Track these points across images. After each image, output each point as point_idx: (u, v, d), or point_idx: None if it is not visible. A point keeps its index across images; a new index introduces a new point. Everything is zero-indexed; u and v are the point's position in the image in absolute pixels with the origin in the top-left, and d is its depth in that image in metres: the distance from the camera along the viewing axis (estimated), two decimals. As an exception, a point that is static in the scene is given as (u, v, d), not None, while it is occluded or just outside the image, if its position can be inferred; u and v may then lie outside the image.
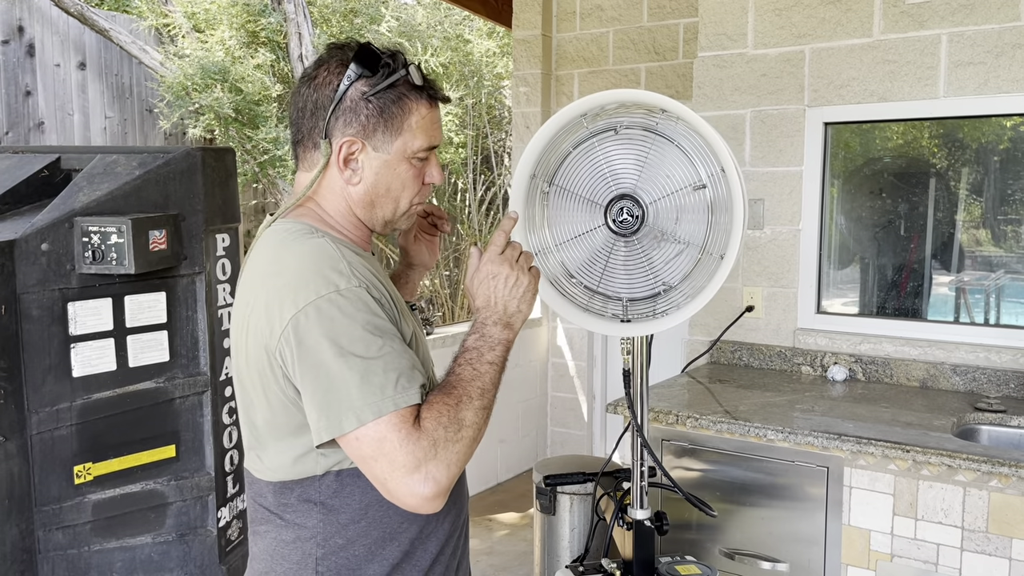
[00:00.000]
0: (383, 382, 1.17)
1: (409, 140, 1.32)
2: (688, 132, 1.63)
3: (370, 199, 1.35)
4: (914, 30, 2.99)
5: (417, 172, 1.36)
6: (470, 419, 1.21)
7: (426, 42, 6.96)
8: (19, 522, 1.98)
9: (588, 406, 5.06)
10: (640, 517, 1.98)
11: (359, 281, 1.22)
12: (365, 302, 1.21)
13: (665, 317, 1.68)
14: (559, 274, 1.71)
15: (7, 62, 5.99)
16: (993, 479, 2.24)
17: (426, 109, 1.34)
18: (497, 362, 1.30)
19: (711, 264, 1.65)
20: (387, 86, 1.30)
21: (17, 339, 1.95)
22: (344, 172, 1.32)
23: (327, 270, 1.22)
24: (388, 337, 1.20)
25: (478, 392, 1.24)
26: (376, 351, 1.18)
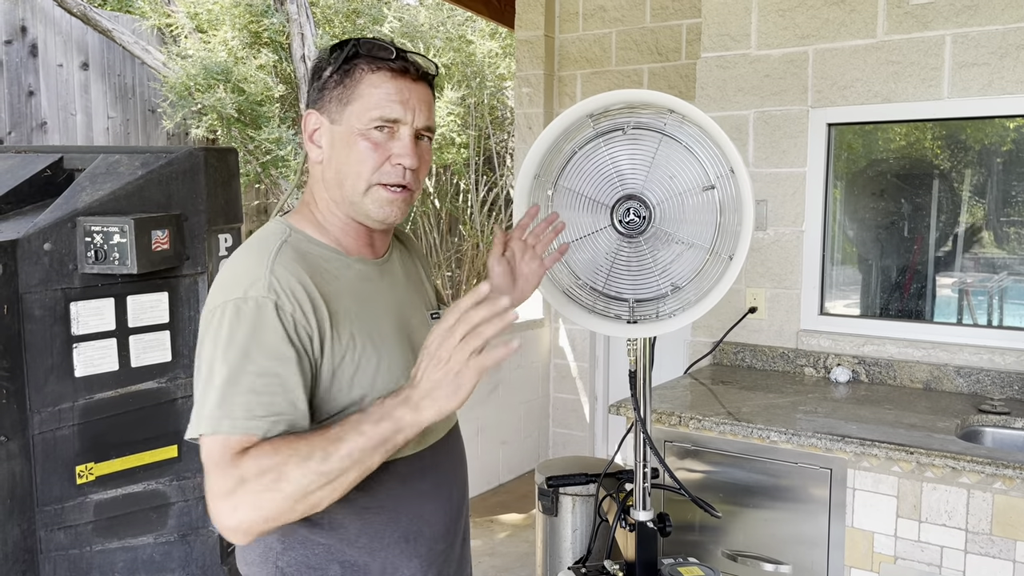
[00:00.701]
0: (237, 401, 1.15)
1: (358, 109, 1.28)
2: (696, 132, 1.63)
3: (335, 177, 1.31)
4: (918, 31, 2.99)
5: (375, 146, 1.28)
6: (295, 477, 1.10)
7: (429, 43, 6.96)
8: (21, 522, 1.98)
9: (590, 407, 5.05)
10: (643, 518, 1.97)
11: (268, 292, 1.19)
12: (264, 315, 1.18)
13: (672, 318, 1.68)
14: (564, 276, 1.71)
15: (10, 62, 6.00)
16: (997, 481, 2.23)
17: (377, 76, 1.28)
18: (372, 438, 1.12)
19: (719, 265, 1.64)
20: (344, 59, 1.29)
21: (19, 339, 1.95)
22: (312, 149, 1.32)
23: (246, 275, 1.22)
24: (272, 358, 1.17)
25: (321, 456, 1.11)
26: (250, 367, 1.16)
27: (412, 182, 1.31)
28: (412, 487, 1.34)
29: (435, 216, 7.50)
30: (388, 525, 1.31)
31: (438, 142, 6.73)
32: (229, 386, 1.16)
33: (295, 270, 1.24)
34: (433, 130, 1.36)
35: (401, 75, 1.29)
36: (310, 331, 1.22)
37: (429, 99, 1.34)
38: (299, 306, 1.21)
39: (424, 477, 1.36)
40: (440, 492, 1.39)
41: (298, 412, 1.19)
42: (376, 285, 1.37)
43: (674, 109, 1.61)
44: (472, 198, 7.29)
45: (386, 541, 1.31)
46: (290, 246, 1.28)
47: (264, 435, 1.15)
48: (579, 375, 5.06)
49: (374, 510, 1.30)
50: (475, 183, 7.29)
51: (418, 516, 1.35)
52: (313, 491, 1.11)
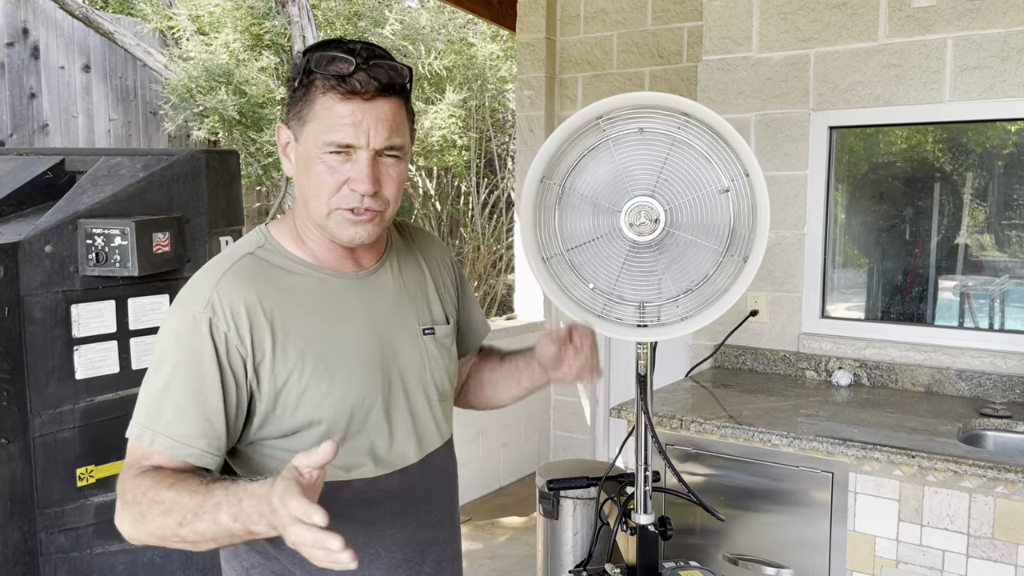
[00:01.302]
0: (163, 414, 1.18)
1: (312, 131, 1.21)
2: (708, 135, 1.62)
3: (301, 195, 1.27)
4: (920, 34, 2.99)
5: (331, 170, 1.21)
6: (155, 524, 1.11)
7: (430, 45, 6.96)
8: (21, 524, 1.98)
9: (591, 410, 5.05)
10: (644, 522, 1.97)
11: (206, 310, 1.19)
12: (199, 334, 1.18)
13: (684, 321, 1.67)
14: (572, 280, 1.70)
15: (12, 64, 6.01)
16: (999, 485, 2.23)
17: (331, 100, 1.19)
18: (224, 529, 1.06)
19: (733, 267, 1.64)
20: (302, 73, 1.22)
21: (20, 341, 1.95)
22: (285, 162, 1.29)
23: (195, 288, 1.23)
24: (197, 378, 1.18)
25: (179, 519, 1.08)
26: (177, 383, 1.18)
27: (375, 205, 1.24)
28: (371, 510, 1.31)
29: (436, 218, 7.50)
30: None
31: (439, 144, 6.73)
32: (158, 397, 1.19)
33: (242, 288, 1.22)
34: (400, 147, 1.25)
35: (353, 96, 1.19)
36: (243, 353, 1.20)
37: (391, 115, 1.22)
38: (235, 326, 1.20)
39: (386, 501, 1.32)
40: (404, 518, 1.34)
41: (213, 434, 1.19)
42: (350, 300, 1.31)
43: (688, 113, 1.60)
44: (473, 200, 7.29)
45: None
46: (253, 258, 1.27)
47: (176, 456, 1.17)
48: (580, 378, 5.05)
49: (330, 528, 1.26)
50: (476, 185, 7.29)
51: (376, 540, 1.31)
52: (171, 541, 1.12)
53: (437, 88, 7.11)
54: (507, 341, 4.78)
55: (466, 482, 4.61)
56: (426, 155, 6.80)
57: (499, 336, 4.72)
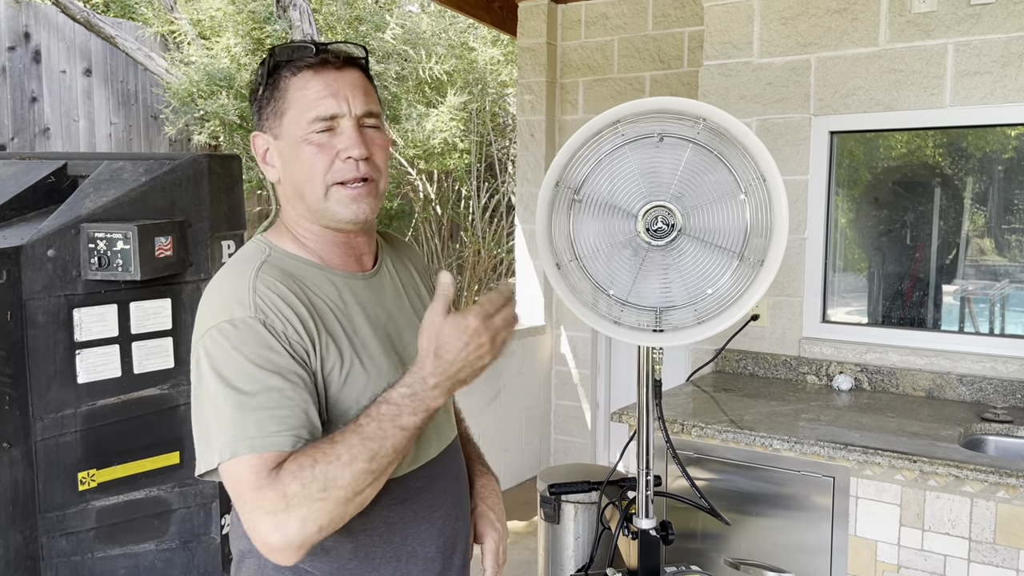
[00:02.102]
0: (250, 421, 1.12)
1: (294, 116, 1.25)
2: (725, 139, 1.63)
3: (294, 190, 1.29)
4: (920, 39, 2.99)
5: (320, 148, 1.25)
6: (343, 480, 1.09)
7: (431, 50, 6.97)
8: (23, 528, 1.98)
9: (591, 414, 5.05)
10: (645, 526, 1.97)
11: (255, 312, 1.17)
12: (257, 333, 1.16)
13: (700, 326, 1.68)
14: (588, 285, 1.69)
15: (13, 68, 6.02)
16: (1000, 490, 2.23)
17: (302, 79, 1.25)
18: (411, 429, 1.14)
19: (748, 272, 1.64)
20: (268, 73, 1.27)
21: (22, 345, 1.95)
22: (268, 171, 1.31)
23: (229, 298, 1.20)
24: (274, 374, 1.15)
25: (368, 455, 1.10)
26: (255, 386, 1.13)
27: (370, 172, 1.28)
28: (406, 507, 1.32)
29: (436, 222, 7.50)
30: (380, 546, 1.29)
31: (440, 148, 6.73)
32: (236, 410, 1.12)
33: (278, 288, 1.22)
34: (377, 114, 1.30)
35: (323, 68, 1.25)
36: (304, 346, 1.20)
37: (363, 83, 1.29)
38: (288, 323, 1.19)
39: (418, 497, 1.34)
40: (434, 512, 1.36)
41: (311, 424, 1.16)
42: (362, 299, 1.33)
43: (707, 118, 1.61)
44: (474, 204, 7.30)
45: (377, 562, 1.29)
46: (270, 264, 1.26)
47: (290, 448, 1.12)
48: (580, 382, 5.06)
49: (367, 531, 1.27)
50: (477, 189, 7.29)
51: (411, 536, 1.32)
52: (363, 489, 1.11)
53: (438, 92, 7.12)
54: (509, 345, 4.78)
55: (467, 486, 4.61)
56: (427, 159, 6.81)
57: (500, 340, 4.72)
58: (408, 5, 8.07)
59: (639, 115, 1.63)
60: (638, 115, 1.63)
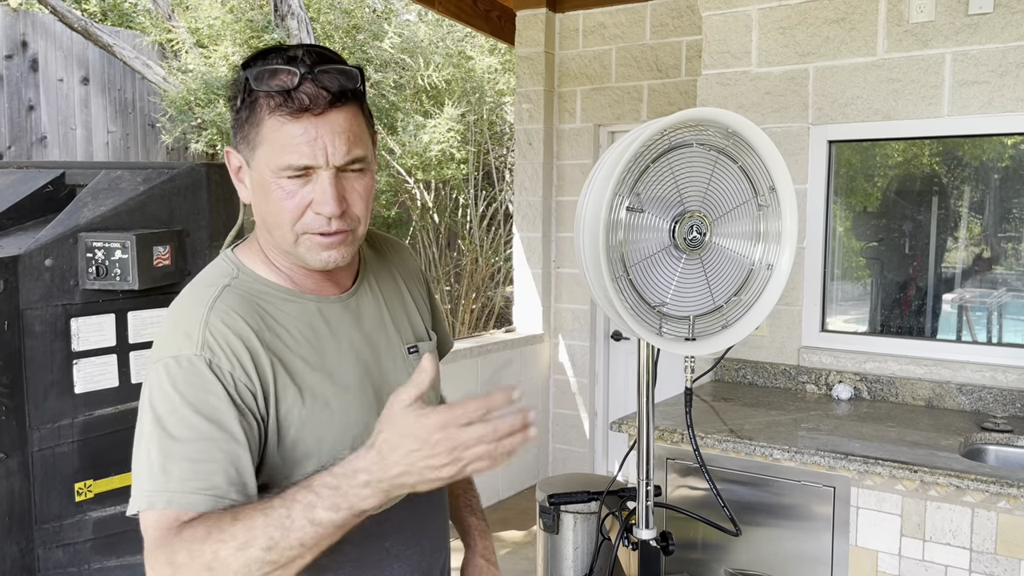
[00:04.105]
0: (174, 471, 1.03)
1: (264, 155, 1.10)
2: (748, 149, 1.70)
3: (263, 222, 1.16)
4: (918, 49, 3.00)
5: (289, 194, 1.11)
6: (233, 565, 0.96)
7: (428, 58, 6.98)
8: (19, 540, 1.96)
9: (590, 423, 5.04)
10: (645, 537, 1.96)
11: (201, 349, 1.07)
12: (201, 375, 1.06)
13: (725, 331, 1.73)
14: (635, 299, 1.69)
15: (11, 76, 6.01)
16: (1001, 500, 2.22)
17: (279, 120, 1.08)
18: (327, 526, 0.97)
19: (764, 275, 1.74)
20: (245, 91, 1.10)
21: (19, 355, 1.94)
22: (240, 188, 1.19)
23: (179, 331, 1.10)
24: (210, 422, 1.05)
25: (265, 543, 0.96)
26: (188, 433, 1.04)
27: (345, 225, 1.14)
28: (376, 545, 1.23)
29: (434, 231, 7.50)
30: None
31: (438, 158, 6.74)
32: (164, 457, 1.04)
33: (234, 322, 1.11)
34: (363, 158, 1.14)
35: (302, 113, 1.08)
36: (252, 388, 1.10)
37: (349, 125, 1.11)
38: (238, 362, 1.09)
39: (389, 534, 1.25)
40: (409, 549, 1.28)
41: (241, 483, 1.06)
42: (335, 326, 1.22)
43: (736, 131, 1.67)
44: (471, 213, 7.30)
45: None
46: (233, 291, 1.15)
47: (206, 509, 1.02)
48: (579, 391, 5.05)
49: (333, 570, 1.18)
50: (474, 198, 7.30)
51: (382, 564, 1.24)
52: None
53: (436, 101, 7.12)
54: (507, 354, 4.78)
55: (465, 496, 4.59)
56: (424, 168, 6.81)
57: (499, 348, 4.72)
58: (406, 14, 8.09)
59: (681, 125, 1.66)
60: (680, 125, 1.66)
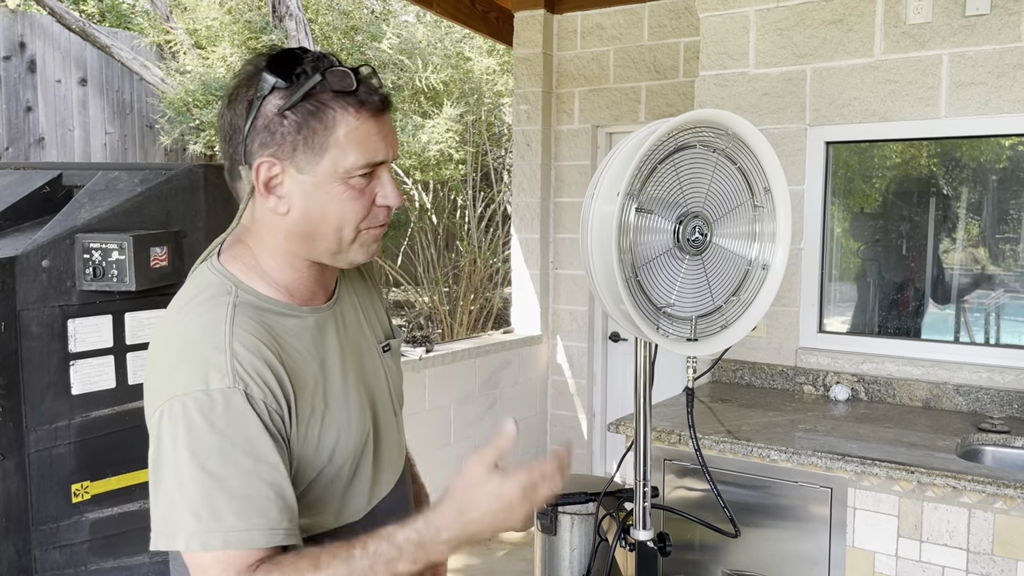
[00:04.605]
0: (225, 510, 1.02)
1: (339, 157, 1.12)
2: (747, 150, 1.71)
3: (305, 229, 1.15)
4: (915, 50, 3.00)
5: (360, 192, 1.14)
6: None
7: (427, 59, 6.98)
8: (16, 541, 1.96)
9: (588, 424, 5.04)
10: (643, 538, 1.96)
11: (234, 381, 1.06)
12: (238, 410, 1.05)
13: (724, 331, 1.75)
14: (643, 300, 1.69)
15: (8, 78, 6.01)
16: (998, 501, 2.22)
17: (357, 119, 1.12)
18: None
19: (760, 275, 1.76)
20: (303, 96, 1.10)
21: (16, 356, 1.94)
22: (269, 199, 1.14)
23: (203, 362, 1.06)
24: (253, 457, 1.05)
25: None
26: (233, 471, 1.04)
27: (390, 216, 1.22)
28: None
29: (432, 232, 7.50)
30: None
31: (437, 159, 6.74)
32: (207, 496, 1.02)
33: (256, 347, 1.10)
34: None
35: (375, 111, 1.14)
36: (281, 412, 1.11)
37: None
38: (268, 390, 1.09)
39: (387, 520, 1.25)
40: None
41: (290, 511, 1.08)
42: (329, 336, 1.24)
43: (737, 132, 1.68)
44: (469, 214, 7.30)
45: None
46: (243, 312, 1.12)
47: (265, 545, 1.04)
48: (577, 392, 5.05)
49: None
50: (472, 199, 7.30)
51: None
52: None
53: (434, 102, 7.13)
54: (505, 355, 4.78)
55: (462, 497, 4.59)
56: (423, 169, 6.81)
57: (497, 350, 4.72)
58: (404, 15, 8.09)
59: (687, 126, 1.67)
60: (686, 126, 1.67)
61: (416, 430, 4.20)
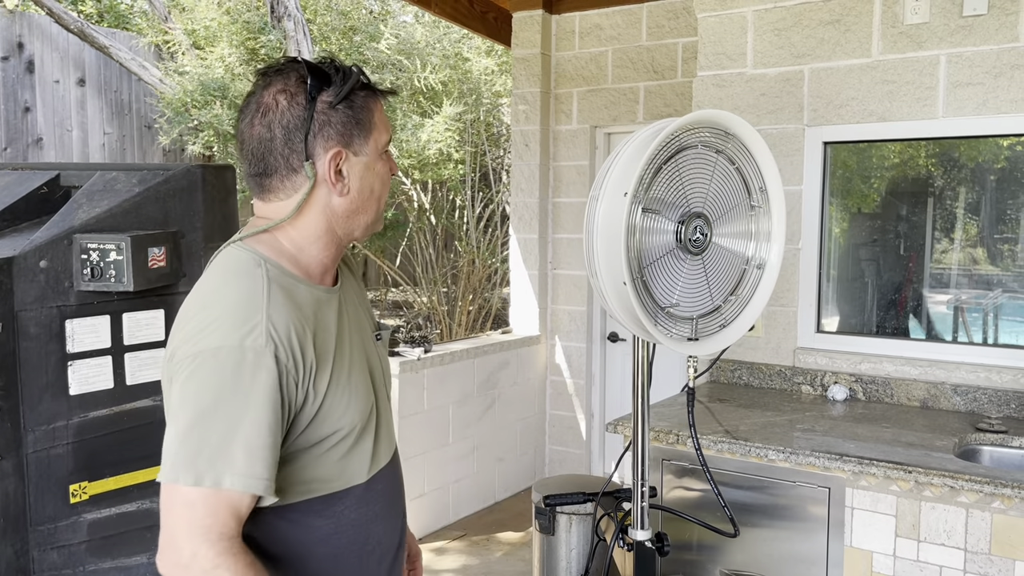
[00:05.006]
0: (235, 454, 1.15)
1: (377, 136, 1.35)
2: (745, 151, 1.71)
3: (355, 206, 1.34)
4: (913, 51, 3.01)
5: (389, 165, 1.39)
6: None
7: (425, 60, 6.98)
8: (14, 542, 1.96)
9: (587, 424, 5.04)
10: (641, 538, 1.96)
11: (267, 341, 1.18)
12: (266, 367, 1.17)
13: (724, 330, 1.76)
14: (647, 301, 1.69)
15: (6, 78, 6.01)
16: (996, 500, 2.22)
17: (378, 105, 1.36)
18: None
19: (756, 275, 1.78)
20: (349, 91, 1.30)
21: (14, 357, 1.94)
22: (336, 186, 1.31)
23: (244, 321, 1.19)
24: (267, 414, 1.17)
25: None
26: (246, 420, 1.16)
27: None
28: (369, 510, 1.38)
29: (431, 232, 7.50)
30: (349, 547, 1.35)
31: (435, 159, 6.74)
32: (223, 439, 1.14)
33: (287, 313, 1.22)
34: None
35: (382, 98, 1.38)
36: (297, 379, 1.22)
37: None
38: (293, 355, 1.20)
39: (377, 500, 1.40)
40: (390, 512, 1.44)
41: (275, 465, 1.20)
42: (338, 313, 1.37)
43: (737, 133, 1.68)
44: (468, 214, 7.30)
45: (350, 563, 1.35)
46: (275, 283, 1.25)
47: (263, 493, 1.17)
48: (575, 392, 5.05)
49: (336, 536, 1.33)
50: (471, 199, 7.30)
51: (374, 536, 1.39)
52: None
53: (433, 102, 7.13)
54: (503, 355, 4.78)
55: (462, 497, 4.59)
56: (422, 168, 6.81)
57: (496, 350, 4.72)
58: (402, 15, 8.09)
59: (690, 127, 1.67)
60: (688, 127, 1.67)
61: (415, 430, 4.20)
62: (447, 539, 4.31)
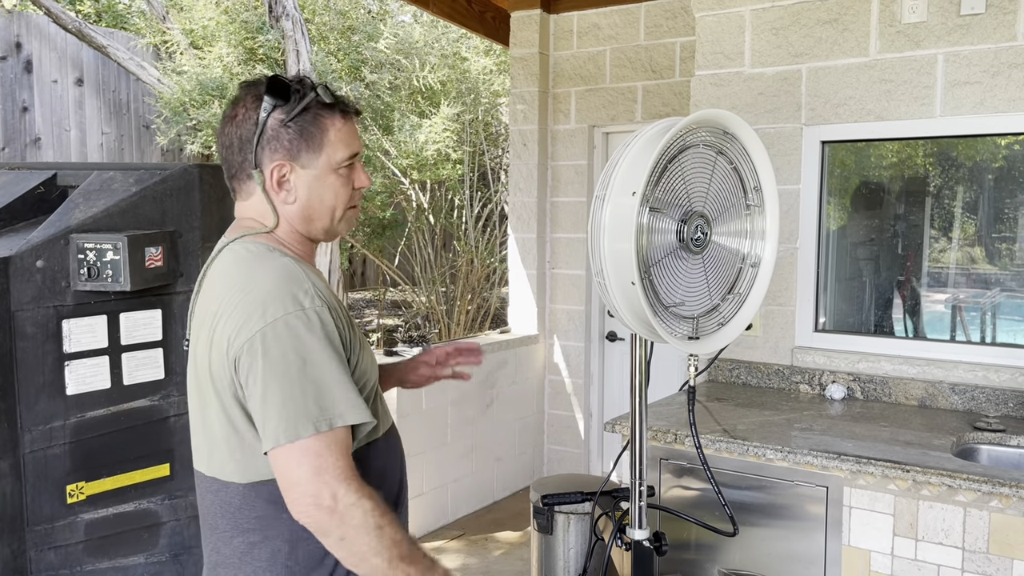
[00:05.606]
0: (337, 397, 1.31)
1: (331, 153, 1.45)
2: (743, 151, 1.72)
3: (307, 213, 1.47)
4: (910, 50, 3.01)
5: (345, 179, 1.48)
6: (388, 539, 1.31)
7: (423, 59, 6.98)
8: (11, 542, 1.96)
9: (585, 424, 5.04)
10: (639, 537, 1.96)
11: (322, 302, 1.35)
12: (325, 323, 1.34)
13: (722, 329, 1.77)
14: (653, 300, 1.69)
15: (4, 78, 6.00)
16: (994, 499, 2.22)
17: (341, 122, 1.47)
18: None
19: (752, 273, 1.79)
20: (301, 109, 1.43)
21: (11, 357, 1.94)
22: (280, 193, 1.45)
23: (295, 289, 1.34)
24: (340, 358, 1.34)
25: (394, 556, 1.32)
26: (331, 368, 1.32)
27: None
28: (394, 457, 1.55)
29: (429, 232, 7.50)
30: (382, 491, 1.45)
31: (434, 158, 6.74)
32: (323, 386, 1.30)
33: (321, 284, 1.40)
34: None
35: (350, 116, 1.49)
36: (342, 331, 1.39)
37: None
38: (336, 311, 1.38)
39: (397, 448, 1.58)
40: (403, 461, 1.61)
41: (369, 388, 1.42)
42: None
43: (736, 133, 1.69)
44: (467, 214, 7.30)
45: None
46: (294, 261, 1.41)
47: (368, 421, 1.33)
48: (574, 392, 5.05)
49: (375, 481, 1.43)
50: (470, 199, 7.29)
51: (400, 480, 1.56)
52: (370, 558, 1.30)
53: (431, 102, 7.13)
54: (502, 355, 4.77)
55: (460, 496, 4.59)
56: (420, 168, 6.81)
57: (494, 349, 4.72)
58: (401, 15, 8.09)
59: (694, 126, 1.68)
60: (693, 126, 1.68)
61: (413, 430, 4.20)
62: (445, 538, 4.31)
